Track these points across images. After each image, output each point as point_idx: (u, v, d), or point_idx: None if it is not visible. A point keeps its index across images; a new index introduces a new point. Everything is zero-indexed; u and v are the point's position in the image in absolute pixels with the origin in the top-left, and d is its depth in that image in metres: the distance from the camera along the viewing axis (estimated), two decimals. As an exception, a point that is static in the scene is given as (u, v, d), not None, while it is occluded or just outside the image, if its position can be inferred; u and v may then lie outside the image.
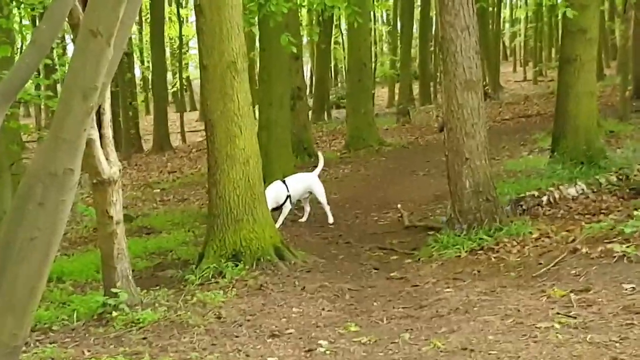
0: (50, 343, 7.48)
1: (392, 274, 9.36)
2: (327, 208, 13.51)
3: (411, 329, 7.12)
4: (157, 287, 9.58)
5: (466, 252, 9.58)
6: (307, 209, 13.73)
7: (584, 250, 8.38)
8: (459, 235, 9.96)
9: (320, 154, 14.28)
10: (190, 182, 22.54)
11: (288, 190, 13.19)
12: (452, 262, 9.41)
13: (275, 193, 12.92)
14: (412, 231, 12.12)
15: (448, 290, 8.24)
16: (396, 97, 38.00)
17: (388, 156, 22.45)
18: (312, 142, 24.20)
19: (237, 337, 7.27)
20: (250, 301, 8.44)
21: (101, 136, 8.29)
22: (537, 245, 9.23)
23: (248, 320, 7.78)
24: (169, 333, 7.48)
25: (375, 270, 9.86)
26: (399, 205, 13.42)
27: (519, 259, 8.90)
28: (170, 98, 47.58)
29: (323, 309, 8.07)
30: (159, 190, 21.96)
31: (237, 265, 9.65)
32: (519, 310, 7.16)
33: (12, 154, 13.77)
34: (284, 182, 13.37)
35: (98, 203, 8.49)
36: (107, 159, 8.33)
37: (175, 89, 47.95)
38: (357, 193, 16.76)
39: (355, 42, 24.44)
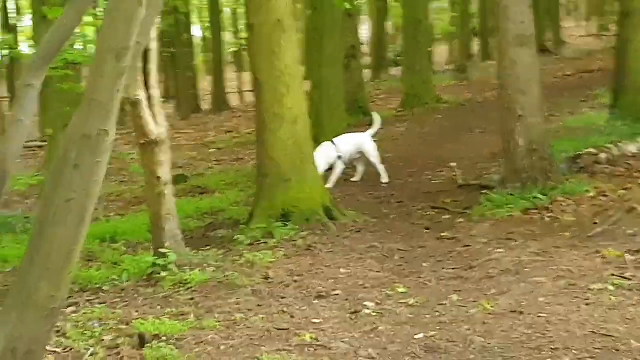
0: (100, 303, 7.50)
1: (443, 234, 9.19)
2: (381, 167, 13.33)
3: (460, 291, 7.01)
4: (208, 248, 9.59)
5: (519, 211, 9.38)
6: (360, 169, 13.59)
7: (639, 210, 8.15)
8: (513, 195, 9.74)
9: (375, 114, 14.04)
10: (246, 142, 22.43)
11: (338, 151, 13.03)
12: (505, 222, 9.23)
13: (325, 154, 12.79)
14: (466, 190, 11.87)
15: (499, 250, 8.08)
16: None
17: (444, 114, 22.13)
18: (368, 101, 23.96)
19: (283, 298, 7.22)
20: (299, 261, 8.37)
21: (148, 97, 8.22)
22: (593, 204, 9.03)
23: (295, 281, 7.71)
24: (216, 294, 7.46)
25: (427, 230, 9.69)
26: (453, 164, 13.20)
27: (573, 219, 8.72)
28: (231, 58, 47.70)
29: (371, 270, 7.97)
30: (214, 150, 21.96)
31: (286, 225, 9.55)
32: (572, 272, 7.02)
33: (65, 116, 13.79)
34: (333, 142, 13.22)
35: (146, 164, 8.47)
36: (154, 119, 8.27)
37: (236, 48, 47.99)
38: (412, 152, 16.56)
39: (410, -1, 24.09)
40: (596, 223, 8.31)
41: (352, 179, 13.44)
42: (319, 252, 8.71)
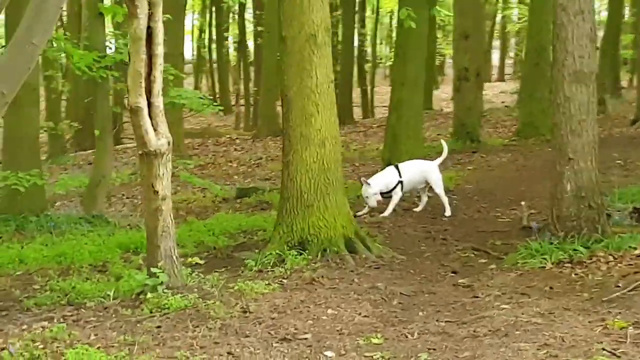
0: (74, 321, 7.20)
1: (460, 281, 8.45)
2: (445, 200, 12.64)
3: (434, 349, 6.33)
4: (223, 269, 9.15)
5: (552, 263, 8.57)
6: (424, 199, 12.92)
7: (667, 276, 7.23)
8: (553, 244, 8.87)
9: (443, 142, 13.28)
10: (343, 158, 21.96)
11: (400, 176, 12.35)
12: (533, 274, 8.43)
13: (386, 178, 12.22)
14: (527, 233, 11.00)
15: (505, 306, 7.31)
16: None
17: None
18: (477, 127, 23.11)
19: (246, 337, 6.73)
20: (291, 296, 7.84)
21: (150, 105, 7.79)
22: (631, 264, 8.08)
23: (272, 319, 7.19)
24: (184, 324, 7.03)
25: (452, 274, 8.98)
26: (523, 203, 12.30)
27: (601, 278, 7.81)
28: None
29: (360, 314, 7.34)
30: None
31: (300, 254, 9.00)
32: (563, 341, 6.23)
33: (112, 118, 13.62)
34: (397, 167, 12.56)
35: (144, 176, 8.08)
36: (155, 129, 7.85)
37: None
38: (498, 184, 15.70)
39: (535, 23, 23.12)
40: (619, 286, 7.38)
41: (414, 209, 12.68)
42: (318, 288, 8.15)
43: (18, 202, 12.86)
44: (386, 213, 12.24)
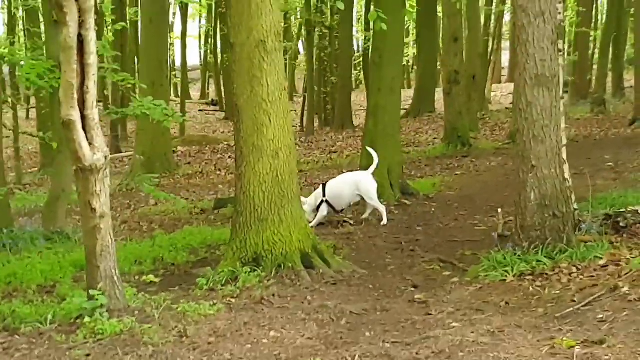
0: (5, 349, 6.90)
1: (417, 296, 8.08)
2: (381, 208, 12.56)
3: (370, 375, 5.89)
4: (177, 288, 8.83)
5: (514, 276, 8.15)
6: (368, 209, 12.68)
7: (625, 288, 6.82)
8: (517, 254, 8.46)
9: (371, 151, 12.95)
10: (332, 166, 21.60)
11: (324, 195, 12.23)
12: (493, 287, 8.06)
13: (315, 197, 12.02)
14: (502, 241, 10.59)
15: (455, 324, 6.94)
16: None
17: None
18: (467, 130, 22.74)
19: (176, 365, 6.27)
20: (235, 317, 7.47)
21: (84, 117, 7.41)
22: (592, 275, 7.67)
23: (209, 343, 6.84)
24: (115, 352, 6.71)
25: (412, 289, 8.61)
26: (499, 210, 11.88)
27: (558, 292, 7.42)
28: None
29: (303, 335, 6.98)
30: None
31: (254, 271, 8.62)
32: (506, 363, 5.78)
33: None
34: (324, 185, 12.38)
35: (80, 193, 7.67)
36: (90, 143, 7.47)
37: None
38: (482, 190, 15.34)
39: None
40: (574, 300, 6.97)
41: (362, 216, 12.66)
42: (266, 307, 7.80)
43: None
44: (311, 224, 11.96)
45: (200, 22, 51.45)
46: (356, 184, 12.34)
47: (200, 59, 53.13)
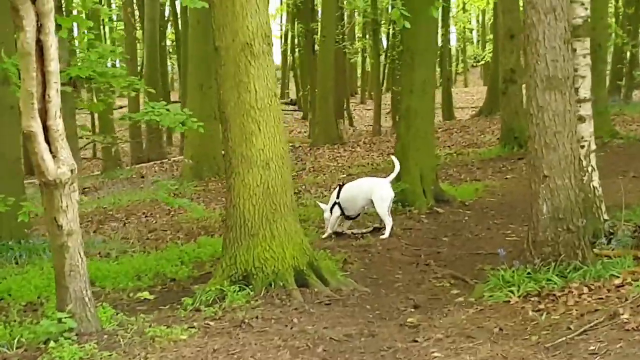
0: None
1: (409, 320, 7.40)
2: (387, 220, 11.55)
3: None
4: (168, 306, 8.34)
5: (519, 296, 7.41)
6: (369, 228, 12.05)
7: (625, 315, 6.07)
8: (529, 273, 7.74)
9: (394, 158, 12.20)
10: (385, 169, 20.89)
11: (338, 197, 11.58)
12: (494, 309, 7.37)
13: (331, 199, 11.38)
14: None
15: (438, 354, 6.32)
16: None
17: (610, 150, 19.58)
18: (524, 131, 21.69)
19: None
20: (206, 343, 6.92)
21: (47, 129, 6.93)
22: (601, 298, 6.91)
23: (167, 374, 6.19)
24: (66, 383, 6.08)
25: (412, 309, 7.92)
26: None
27: (558, 317, 6.68)
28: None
29: (272, 366, 6.30)
30: (345, 175, 20.47)
31: (243, 290, 8.04)
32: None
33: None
34: (340, 187, 11.86)
35: (45, 209, 7.19)
36: (54, 156, 6.99)
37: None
38: (526, 196, 14.38)
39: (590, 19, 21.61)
40: (570, 328, 6.24)
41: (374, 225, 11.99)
42: (244, 332, 7.23)
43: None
44: (324, 235, 11.70)
45: (281, 21, 51.14)
46: (371, 190, 11.61)
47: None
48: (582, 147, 9.09)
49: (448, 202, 13.58)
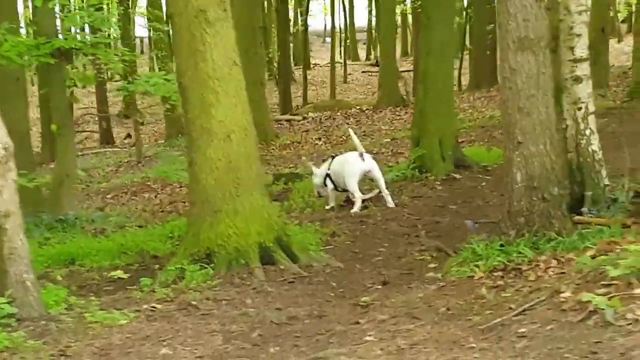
0: None
1: (363, 299, 6.92)
2: (356, 195, 10.98)
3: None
4: (135, 287, 8.02)
5: (484, 271, 6.90)
6: (375, 191, 11.43)
7: (565, 294, 5.53)
8: (502, 245, 7.20)
9: (350, 130, 12.34)
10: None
11: (329, 168, 11.11)
12: (455, 286, 6.95)
13: (322, 169, 10.83)
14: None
15: (370, 338, 5.85)
16: None
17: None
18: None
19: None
20: (141, 329, 6.58)
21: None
22: (563, 272, 6.33)
23: (89, 364, 5.87)
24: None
25: (378, 287, 7.47)
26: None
27: (509, 294, 6.16)
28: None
29: (195, 353, 5.93)
30: (388, 140, 19.97)
31: (204, 268, 7.67)
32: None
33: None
34: (332, 158, 11.38)
35: (-19, 189, 6.89)
36: (-17, 132, 6.70)
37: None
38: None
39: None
40: (511, 308, 5.71)
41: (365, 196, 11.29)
42: (185, 315, 6.90)
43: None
44: (327, 206, 11.34)
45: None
46: (342, 166, 11.08)
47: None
48: (580, 109, 8.49)
49: (469, 167, 12.97)
